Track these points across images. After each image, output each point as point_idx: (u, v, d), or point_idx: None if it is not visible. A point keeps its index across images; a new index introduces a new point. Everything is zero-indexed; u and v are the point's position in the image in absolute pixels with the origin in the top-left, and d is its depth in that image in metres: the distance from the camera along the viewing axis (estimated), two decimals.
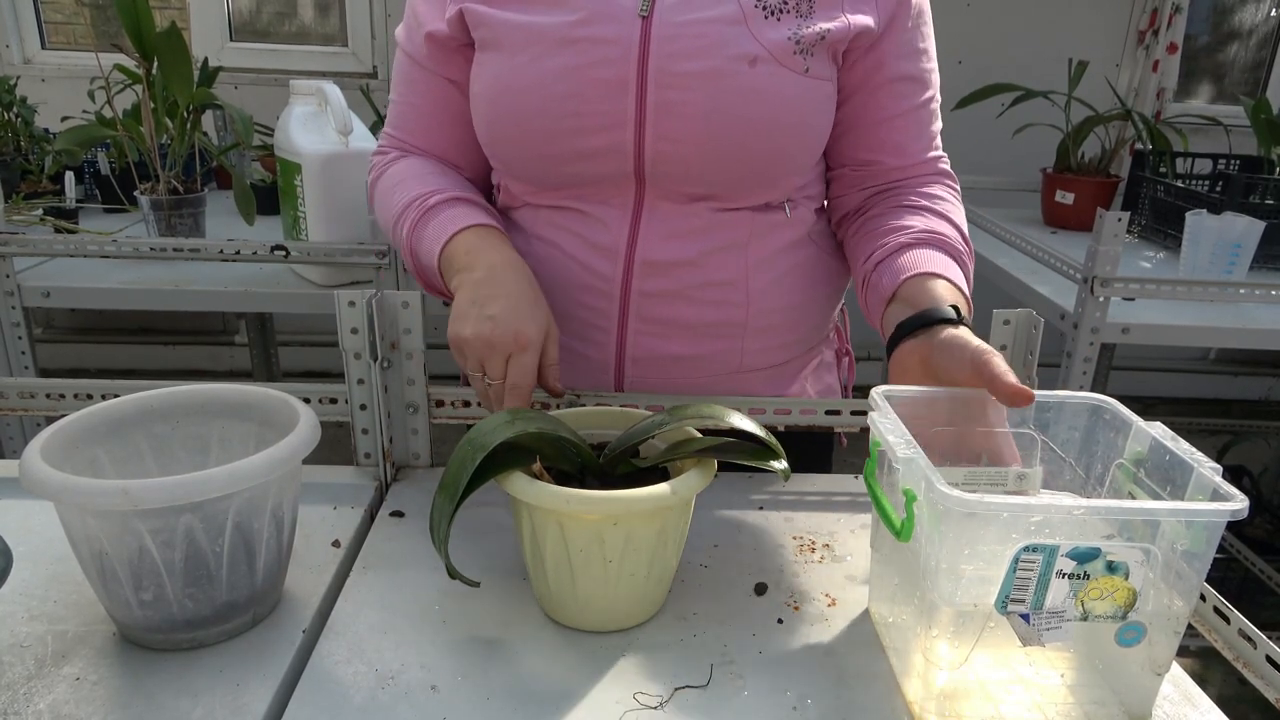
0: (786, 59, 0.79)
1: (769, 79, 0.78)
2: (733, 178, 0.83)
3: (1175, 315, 1.60)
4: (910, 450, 0.57)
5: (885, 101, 0.86)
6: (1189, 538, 0.53)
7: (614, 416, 0.75)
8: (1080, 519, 0.53)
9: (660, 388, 0.91)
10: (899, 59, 0.85)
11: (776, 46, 0.78)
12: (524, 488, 0.62)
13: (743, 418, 0.67)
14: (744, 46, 0.78)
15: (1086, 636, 0.57)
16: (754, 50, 0.78)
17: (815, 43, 0.80)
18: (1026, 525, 0.52)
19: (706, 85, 0.78)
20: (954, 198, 0.89)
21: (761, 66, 0.78)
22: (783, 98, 0.79)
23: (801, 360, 0.97)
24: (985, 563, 0.53)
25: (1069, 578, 0.53)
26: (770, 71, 0.78)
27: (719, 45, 0.78)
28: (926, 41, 0.87)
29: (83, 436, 0.65)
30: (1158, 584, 0.54)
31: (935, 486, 0.52)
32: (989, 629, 0.55)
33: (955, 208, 0.88)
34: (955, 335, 0.70)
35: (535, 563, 0.66)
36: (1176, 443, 0.59)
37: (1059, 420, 0.68)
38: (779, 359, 0.94)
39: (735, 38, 0.78)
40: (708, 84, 0.78)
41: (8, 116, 2.03)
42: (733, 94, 0.78)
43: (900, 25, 0.84)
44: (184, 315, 3.14)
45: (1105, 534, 0.57)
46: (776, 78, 0.79)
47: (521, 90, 0.81)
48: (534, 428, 0.64)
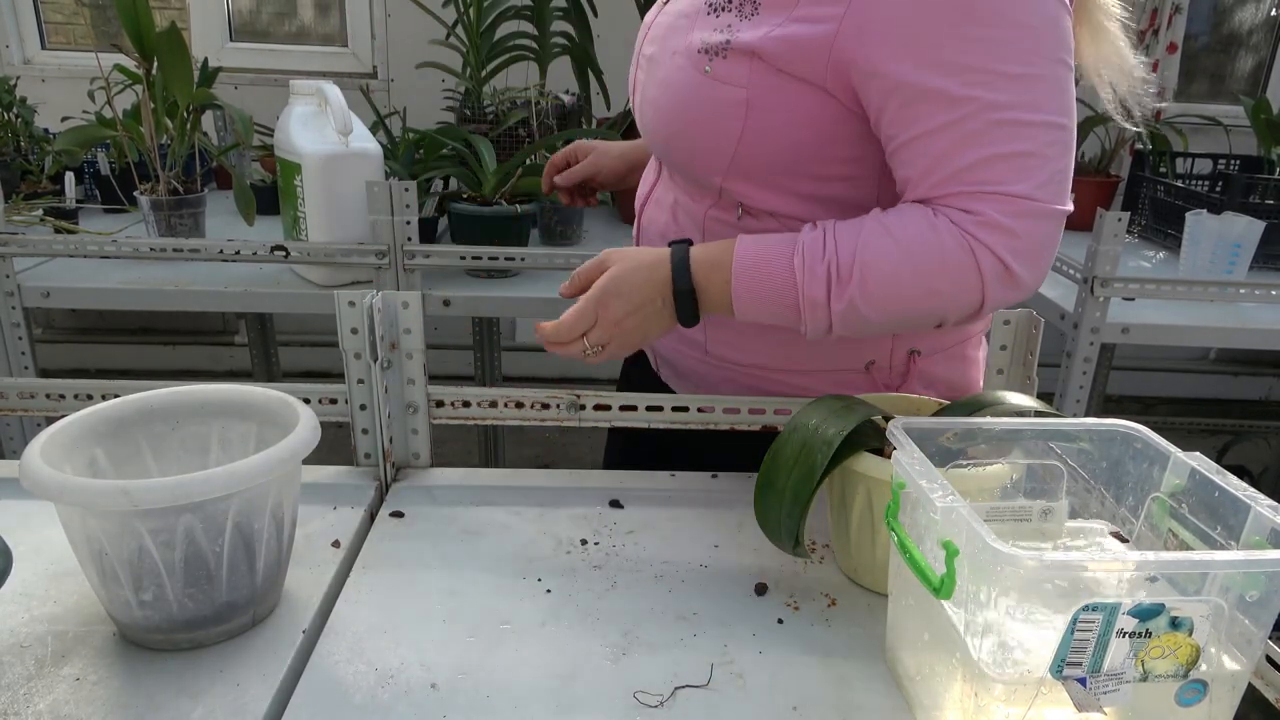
0: (693, 57, 0.81)
1: (676, 73, 0.83)
2: (663, 157, 0.91)
3: (1175, 315, 1.59)
4: (949, 497, 0.52)
5: (900, 121, 0.73)
6: (1259, 587, 0.49)
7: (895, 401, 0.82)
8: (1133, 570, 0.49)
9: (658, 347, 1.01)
10: (910, 71, 0.71)
11: (689, 44, 0.82)
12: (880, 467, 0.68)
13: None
14: (678, 40, 0.84)
15: (1139, 697, 0.52)
16: (678, 45, 0.84)
17: (722, 46, 0.79)
18: (1089, 583, 0.48)
19: (648, 70, 0.88)
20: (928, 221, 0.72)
21: (676, 59, 0.84)
22: (679, 92, 0.83)
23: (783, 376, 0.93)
24: (1037, 622, 0.50)
25: (1130, 636, 0.48)
26: (679, 66, 0.83)
27: (666, 35, 0.86)
28: (955, 51, 0.70)
29: (83, 436, 0.65)
30: (1221, 639, 0.50)
31: (987, 543, 0.47)
32: (1040, 694, 0.51)
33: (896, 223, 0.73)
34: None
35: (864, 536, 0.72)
36: (1223, 476, 0.55)
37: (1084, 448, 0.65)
38: (744, 359, 0.93)
39: (680, 30, 0.84)
40: (649, 69, 0.88)
41: (8, 117, 2.03)
42: (655, 81, 0.86)
43: (904, 35, 0.71)
44: (184, 315, 3.14)
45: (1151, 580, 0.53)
46: (682, 73, 0.82)
47: None
48: (862, 416, 0.69)
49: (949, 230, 0.71)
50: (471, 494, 0.87)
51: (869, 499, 0.69)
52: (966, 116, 0.70)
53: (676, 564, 0.76)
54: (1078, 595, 0.48)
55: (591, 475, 0.92)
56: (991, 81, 0.69)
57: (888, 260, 0.72)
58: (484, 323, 2.41)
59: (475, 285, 1.57)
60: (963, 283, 0.72)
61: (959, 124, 0.70)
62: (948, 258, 0.71)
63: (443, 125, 1.96)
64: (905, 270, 0.72)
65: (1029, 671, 0.50)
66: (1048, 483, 0.66)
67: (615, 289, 0.78)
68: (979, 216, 0.71)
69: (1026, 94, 0.70)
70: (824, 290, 0.73)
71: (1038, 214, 0.71)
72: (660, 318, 0.80)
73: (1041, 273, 0.74)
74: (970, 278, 0.72)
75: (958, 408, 0.77)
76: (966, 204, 0.71)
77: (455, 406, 0.88)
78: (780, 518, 0.69)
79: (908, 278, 0.72)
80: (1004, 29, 0.69)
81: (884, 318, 0.74)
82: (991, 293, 0.73)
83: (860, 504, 0.70)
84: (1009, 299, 0.75)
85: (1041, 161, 0.71)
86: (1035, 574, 0.48)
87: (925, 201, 0.74)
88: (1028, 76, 0.70)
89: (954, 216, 0.72)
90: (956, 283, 0.72)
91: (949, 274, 0.72)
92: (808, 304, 0.74)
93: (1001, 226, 0.71)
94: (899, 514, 0.59)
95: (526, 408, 0.88)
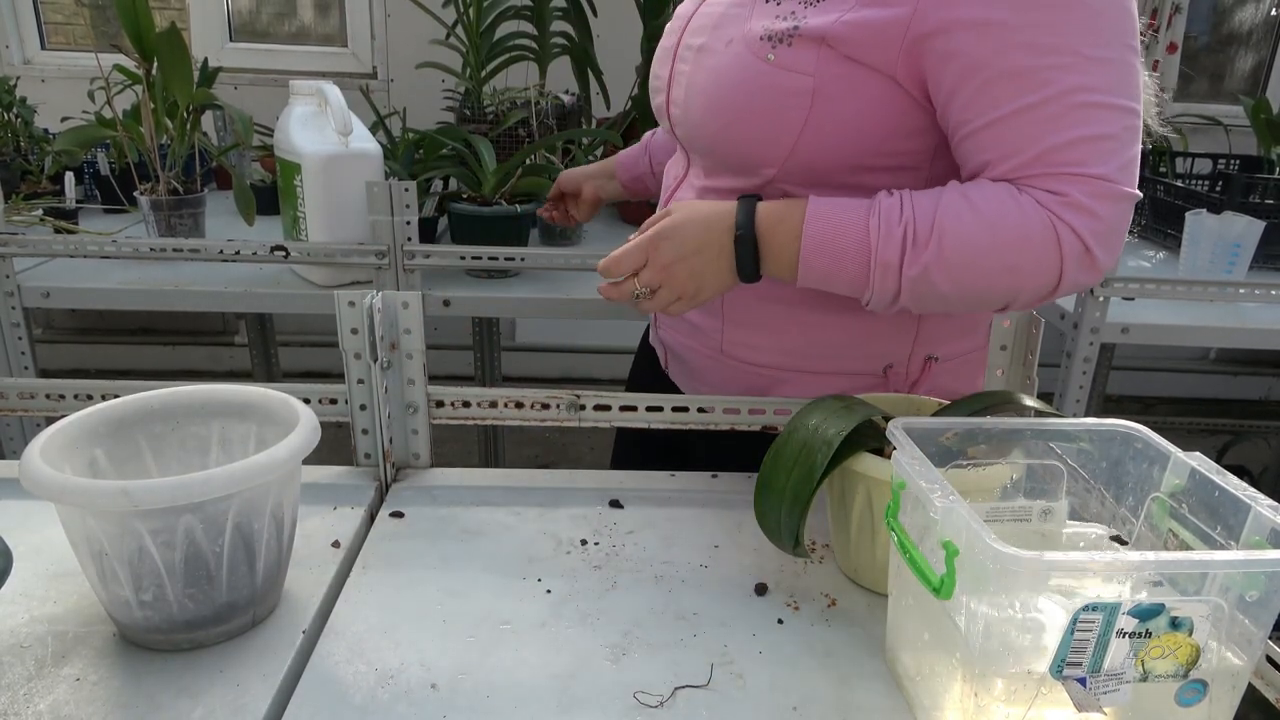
0: (753, 44, 0.80)
1: (732, 60, 0.81)
2: (708, 151, 0.89)
3: (1175, 315, 1.59)
4: (949, 498, 0.52)
5: (982, 106, 0.72)
6: (1259, 587, 0.49)
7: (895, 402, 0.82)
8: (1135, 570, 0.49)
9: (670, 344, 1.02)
10: (992, 54, 0.71)
11: (749, 32, 0.81)
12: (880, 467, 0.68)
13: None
14: (731, 29, 0.82)
15: (1139, 696, 0.52)
16: (734, 33, 0.82)
17: (788, 34, 0.78)
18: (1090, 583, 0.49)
19: (696, 60, 0.86)
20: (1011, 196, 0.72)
21: (732, 48, 0.82)
22: (736, 80, 0.81)
23: (799, 377, 0.93)
24: (1037, 623, 0.50)
25: (1130, 636, 0.49)
26: (736, 54, 0.81)
27: (716, 25, 0.84)
28: (1038, 26, 0.70)
29: (83, 436, 0.65)
30: (1221, 638, 0.50)
31: (987, 544, 0.47)
32: (1040, 694, 0.51)
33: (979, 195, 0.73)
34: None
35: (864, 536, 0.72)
36: (1223, 476, 0.55)
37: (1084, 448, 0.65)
38: (761, 359, 0.93)
39: (731, 20, 0.83)
40: (697, 59, 0.86)
41: (8, 117, 2.03)
42: (705, 70, 0.84)
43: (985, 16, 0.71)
44: (184, 315, 3.14)
45: (1151, 581, 0.53)
46: (739, 60, 0.81)
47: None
48: (862, 416, 0.69)
49: (1033, 207, 0.71)
50: (471, 494, 0.87)
51: (869, 499, 0.69)
52: (1050, 99, 0.70)
53: (676, 564, 0.76)
54: (1077, 595, 0.48)
55: (591, 475, 0.92)
56: (1073, 64, 0.70)
57: (967, 229, 0.72)
58: (484, 323, 2.41)
59: (475, 285, 1.57)
60: (1043, 261, 0.72)
61: (1042, 105, 0.70)
62: (1031, 234, 0.71)
63: (443, 125, 1.96)
64: (985, 240, 0.72)
65: (1029, 671, 0.50)
66: (1048, 483, 0.66)
67: (669, 232, 0.78)
68: (1064, 197, 0.71)
69: (1105, 77, 0.70)
70: (899, 253, 0.72)
71: (1117, 197, 0.71)
72: (715, 269, 0.78)
73: (1115, 256, 0.74)
74: (1051, 257, 0.72)
75: (958, 408, 0.77)
76: (1051, 185, 0.71)
77: (455, 406, 0.88)
78: (780, 518, 0.69)
79: (986, 249, 0.72)
80: (1082, 12, 0.69)
81: (956, 289, 0.73)
82: (1069, 274, 0.73)
83: (860, 504, 0.70)
84: (1084, 282, 0.75)
85: (1119, 145, 0.71)
86: (1035, 574, 0.48)
87: (1008, 182, 0.73)
88: (1106, 60, 0.70)
89: (1038, 196, 0.71)
90: (1037, 260, 0.72)
91: (1031, 250, 0.72)
92: (879, 267, 0.73)
93: (1085, 208, 0.71)
94: (899, 514, 0.59)
95: (526, 408, 0.88)
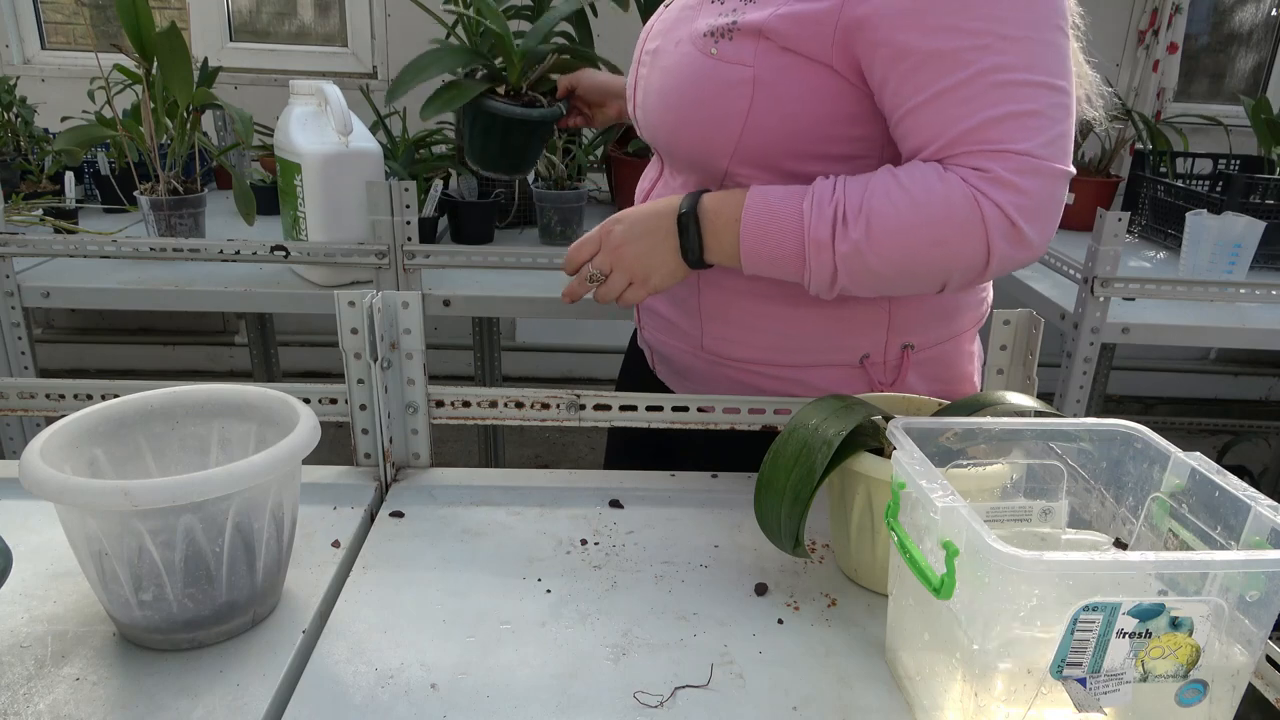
0: (698, 41, 0.84)
1: (680, 58, 0.85)
2: (668, 150, 0.92)
3: (1175, 315, 1.59)
4: (949, 497, 0.52)
5: (909, 89, 0.75)
6: (1260, 587, 0.49)
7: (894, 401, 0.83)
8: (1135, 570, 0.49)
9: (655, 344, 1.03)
10: (917, 36, 0.73)
11: (694, 30, 0.85)
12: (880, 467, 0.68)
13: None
14: (680, 30, 0.87)
15: (1139, 696, 0.52)
16: (682, 34, 0.86)
17: (728, 28, 0.82)
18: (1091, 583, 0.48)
19: (652, 63, 0.90)
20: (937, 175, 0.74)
21: (681, 47, 0.86)
22: (684, 76, 0.85)
23: (778, 370, 0.93)
24: (1038, 623, 0.49)
25: (1130, 636, 0.49)
26: (684, 52, 0.85)
27: (669, 29, 0.89)
28: (959, 16, 0.72)
29: (83, 436, 0.65)
30: (1221, 638, 0.50)
31: (987, 543, 0.47)
32: (1040, 694, 0.51)
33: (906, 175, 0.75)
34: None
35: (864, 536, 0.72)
36: (1223, 476, 0.55)
37: (1084, 448, 0.65)
38: (739, 354, 0.94)
39: (684, 20, 0.87)
40: (653, 62, 0.90)
41: (7, 116, 2.03)
42: (659, 71, 0.88)
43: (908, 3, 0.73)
44: (184, 315, 3.14)
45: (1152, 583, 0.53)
46: (687, 58, 0.84)
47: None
48: (862, 416, 0.70)
49: (957, 184, 0.73)
50: (471, 494, 0.87)
51: (869, 499, 0.69)
52: (972, 78, 0.72)
53: (676, 564, 0.76)
54: (1078, 595, 0.48)
55: (591, 475, 0.92)
56: (994, 45, 0.72)
57: (894, 205, 0.74)
58: (484, 323, 2.41)
59: (475, 285, 1.57)
60: (969, 236, 0.74)
61: (965, 85, 0.73)
62: (954, 208, 0.73)
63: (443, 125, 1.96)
64: (910, 217, 0.74)
65: (1029, 671, 0.50)
66: (1048, 483, 0.66)
67: (620, 217, 0.87)
68: (987, 173, 0.73)
69: (1028, 56, 0.72)
70: (829, 231, 0.75)
71: (1043, 172, 0.73)
72: (661, 251, 0.85)
73: (1047, 233, 0.75)
74: (976, 232, 0.73)
75: (958, 408, 0.77)
76: (976, 162, 0.73)
77: (455, 406, 0.88)
78: (780, 518, 0.69)
79: (912, 225, 0.74)
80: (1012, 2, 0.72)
81: (887, 266, 0.76)
82: (998, 249, 0.74)
83: (860, 504, 0.70)
84: (1016, 259, 0.76)
85: (1046, 122, 0.73)
86: (1035, 574, 0.48)
87: (937, 162, 0.76)
88: (1029, 39, 0.72)
89: (963, 173, 0.74)
90: (963, 236, 0.74)
91: (954, 224, 0.73)
92: (812, 245, 0.76)
93: (1007, 182, 0.73)
94: (899, 514, 0.59)
95: (526, 408, 0.88)
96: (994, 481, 0.66)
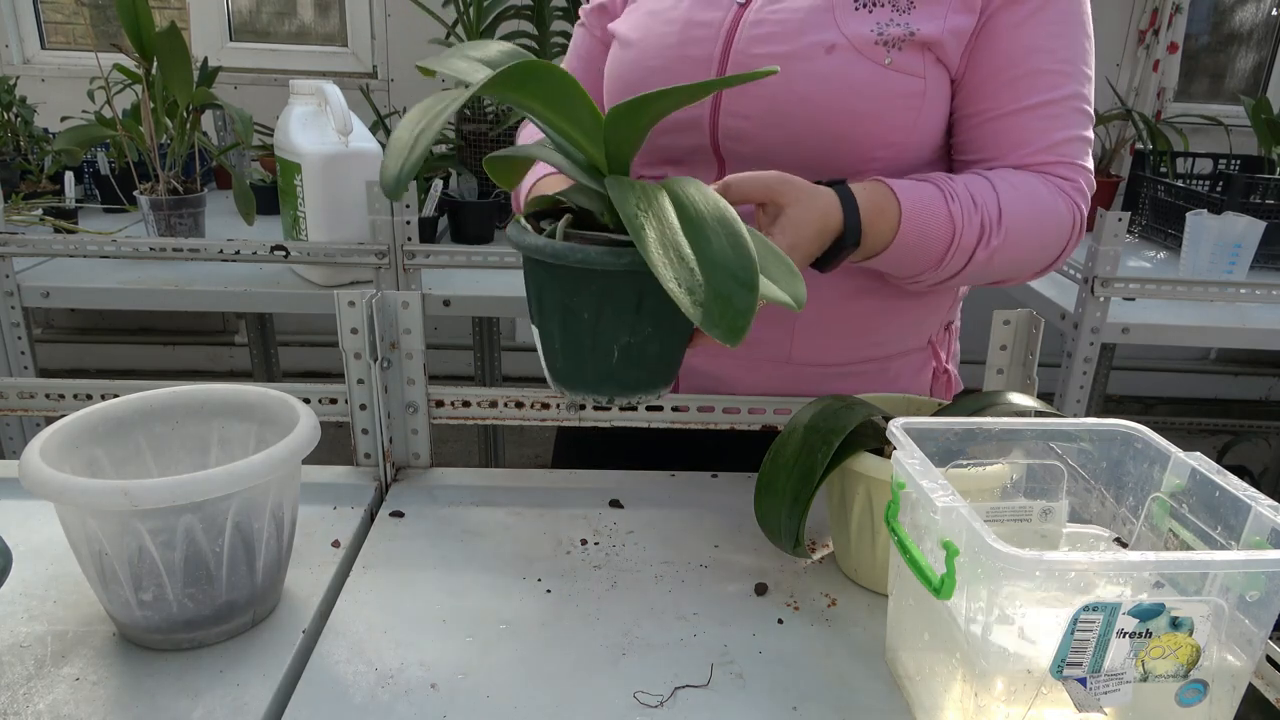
0: (867, 49, 0.80)
1: (842, 66, 0.81)
2: (798, 160, 0.83)
3: (1175, 315, 1.59)
4: (949, 497, 0.52)
5: (1006, 97, 0.83)
6: (1260, 587, 0.49)
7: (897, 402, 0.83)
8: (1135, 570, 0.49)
9: (714, 369, 0.94)
10: (1025, 53, 0.82)
11: (858, 37, 0.81)
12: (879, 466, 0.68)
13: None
14: (823, 34, 0.81)
15: (1139, 696, 0.52)
16: (832, 38, 0.81)
17: (903, 39, 0.81)
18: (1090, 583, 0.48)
19: (783, 67, 0.81)
20: (1041, 181, 0.82)
21: (838, 54, 0.81)
22: (853, 86, 0.81)
23: (863, 367, 0.94)
24: (1037, 623, 0.49)
25: (1130, 636, 0.48)
26: (846, 60, 0.81)
27: (798, 31, 0.82)
28: (1058, 39, 0.82)
29: (83, 436, 0.65)
30: (1221, 638, 0.50)
31: (987, 544, 0.47)
32: (1040, 694, 0.51)
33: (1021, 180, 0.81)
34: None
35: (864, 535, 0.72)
36: (1223, 476, 0.55)
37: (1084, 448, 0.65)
38: (830, 359, 0.93)
39: (816, 25, 0.82)
40: (780, 66, 0.80)
41: (7, 116, 2.03)
42: (803, 78, 0.81)
43: (1011, 19, 0.81)
44: (184, 315, 3.14)
45: (1152, 582, 0.53)
46: (852, 66, 0.80)
47: (630, 66, 0.90)
48: (862, 416, 0.70)
49: (1059, 194, 0.83)
50: (471, 494, 0.87)
51: (869, 499, 0.69)
52: (1063, 99, 0.83)
53: (676, 564, 0.76)
54: (1078, 595, 0.48)
55: (591, 475, 0.92)
56: (1077, 74, 0.84)
57: (1026, 216, 0.81)
58: (484, 323, 2.41)
59: (475, 285, 1.57)
60: (1062, 240, 0.84)
61: (1057, 104, 0.83)
62: (1061, 219, 0.83)
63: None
64: (1037, 226, 0.82)
65: (1029, 672, 0.50)
66: (1048, 483, 0.66)
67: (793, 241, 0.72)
68: (1074, 183, 0.84)
69: (1090, 90, 0.85)
70: (976, 237, 0.80)
71: (1092, 187, 0.86)
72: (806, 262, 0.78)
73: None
74: (1066, 236, 0.84)
75: (958, 408, 0.77)
76: (1064, 172, 0.84)
77: (455, 406, 0.88)
78: (780, 518, 0.69)
79: (1037, 233, 0.82)
80: (1083, 38, 0.84)
81: (1002, 269, 0.83)
82: (1067, 252, 0.86)
83: (860, 504, 0.70)
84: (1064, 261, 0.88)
85: (1091, 146, 0.86)
86: (1035, 574, 0.48)
87: (1023, 168, 0.83)
88: (1089, 77, 0.85)
89: (1059, 183, 0.83)
90: (1059, 240, 0.84)
91: (1060, 231, 0.84)
92: (958, 250, 0.79)
93: (1084, 194, 0.85)
94: (899, 514, 0.59)
95: (526, 408, 0.88)
96: (994, 481, 0.66)
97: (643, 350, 0.62)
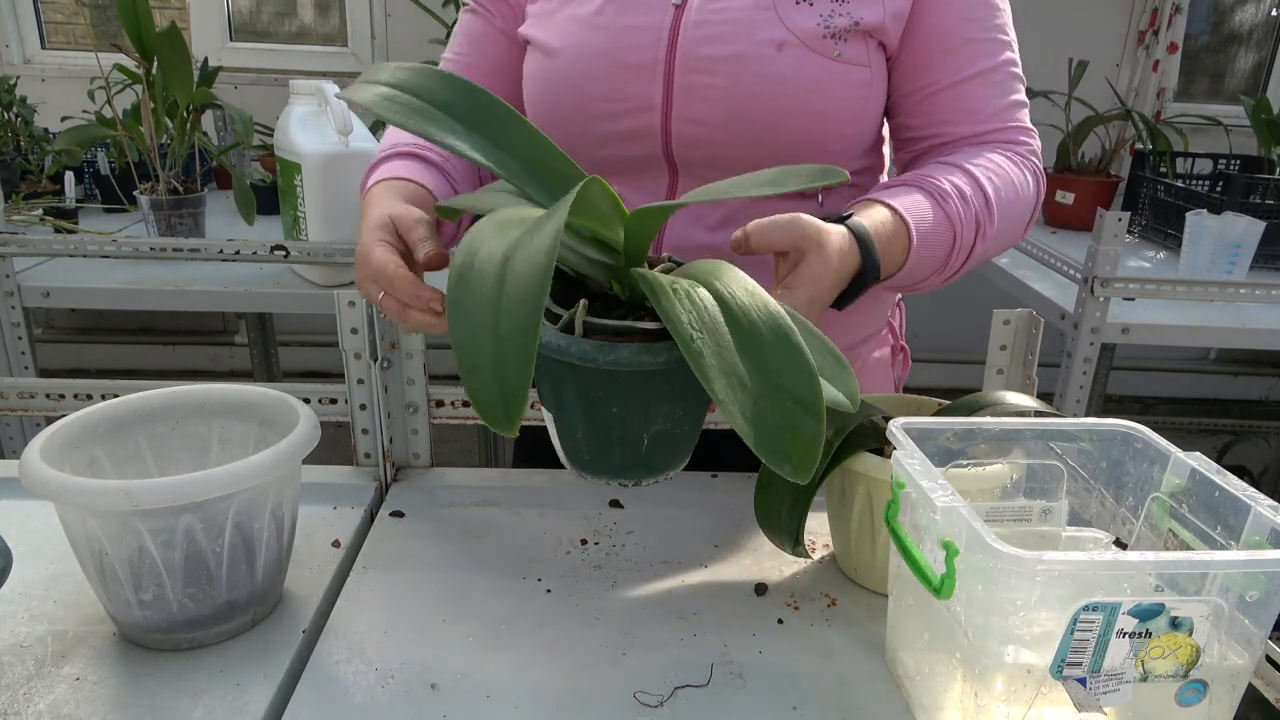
0: (815, 44, 0.79)
1: (795, 63, 0.79)
2: (754, 161, 0.79)
3: (1175, 315, 1.60)
4: (949, 497, 0.52)
5: (948, 69, 0.83)
6: (1260, 587, 0.49)
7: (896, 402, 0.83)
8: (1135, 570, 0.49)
9: None
10: (957, 23, 0.82)
11: (806, 32, 0.80)
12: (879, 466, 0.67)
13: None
14: (771, 32, 0.80)
15: (1139, 697, 0.52)
16: (781, 35, 0.79)
17: (848, 29, 0.80)
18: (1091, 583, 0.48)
19: (731, 69, 0.80)
20: (1006, 158, 0.83)
21: (788, 51, 0.79)
22: (808, 82, 0.80)
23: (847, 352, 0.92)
24: (1037, 623, 0.49)
25: (1130, 636, 0.48)
26: (798, 56, 0.79)
27: (746, 30, 0.80)
28: (982, 7, 0.83)
29: (83, 436, 0.65)
30: (1221, 638, 0.50)
31: (987, 544, 0.47)
32: (1040, 694, 0.51)
33: (993, 162, 0.82)
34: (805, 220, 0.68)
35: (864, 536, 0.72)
36: (1223, 476, 0.55)
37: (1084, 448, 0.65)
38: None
39: (763, 23, 0.80)
40: (732, 68, 0.80)
41: (8, 116, 2.03)
42: (756, 78, 0.80)
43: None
44: (184, 315, 3.14)
45: (1152, 583, 0.53)
46: (804, 62, 0.80)
47: (559, 76, 0.85)
48: (862, 416, 0.70)
49: (1024, 164, 0.85)
50: (471, 494, 0.87)
51: (869, 499, 0.69)
52: (1000, 65, 0.84)
53: (676, 564, 0.76)
54: (1078, 595, 0.48)
55: None
56: (1008, 41, 0.85)
57: (1007, 202, 0.82)
58: None
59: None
60: (1032, 210, 0.86)
61: (996, 70, 0.84)
62: (1029, 189, 0.85)
63: None
64: (1020, 207, 0.84)
65: (1029, 671, 0.50)
66: (1048, 483, 0.66)
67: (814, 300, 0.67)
68: (1028, 146, 0.86)
69: (1016, 54, 0.86)
70: (974, 234, 0.80)
71: (1039, 144, 0.88)
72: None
73: None
74: (1033, 205, 0.86)
75: (958, 408, 0.77)
76: (1014, 136, 0.85)
77: (455, 406, 0.88)
78: (780, 518, 0.69)
79: (1018, 213, 0.84)
80: (1003, 5, 0.85)
81: (987, 255, 0.83)
82: (1034, 221, 0.88)
83: (860, 504, 0.70)
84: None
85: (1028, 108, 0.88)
86: (1035, 574, 0.48)
87: (977, 139, 0.84)
88: (1014, 39, 0.87)
89: (1019, 150, 0.85)
90: (1031, 211, 0.86)
91: (1030, 204, 0.86)
92: (959, 249, 0.79)
93: (1038, 155, 0.87)
94: (899, 514, 0.59)
95: None
96: (994, 481, 0.66)
97: (673, 433, 0.58)
